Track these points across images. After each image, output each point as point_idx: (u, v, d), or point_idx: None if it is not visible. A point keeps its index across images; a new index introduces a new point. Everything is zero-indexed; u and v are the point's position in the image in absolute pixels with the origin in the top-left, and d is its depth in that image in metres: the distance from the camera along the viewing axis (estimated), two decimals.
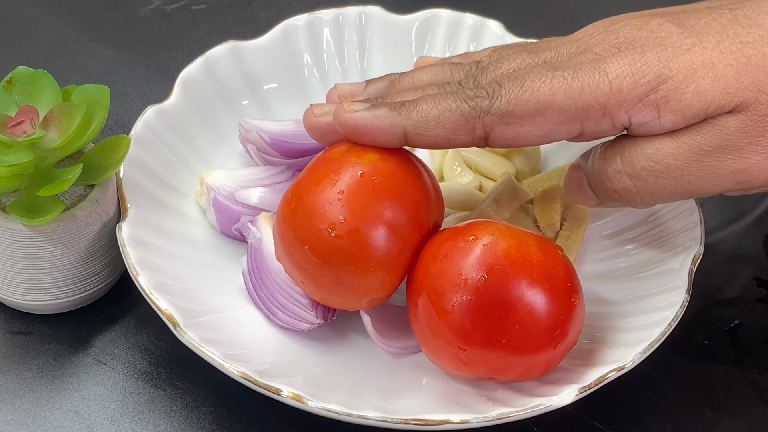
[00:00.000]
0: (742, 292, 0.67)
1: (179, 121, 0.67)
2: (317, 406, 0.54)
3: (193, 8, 0.84)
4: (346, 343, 0.61)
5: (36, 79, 0.59)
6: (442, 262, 0.55)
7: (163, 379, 0.60)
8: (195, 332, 0.56)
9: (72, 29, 0.82)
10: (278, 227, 0.58)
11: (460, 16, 0.74)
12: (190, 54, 0.75)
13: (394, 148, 0.58)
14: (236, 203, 0.64)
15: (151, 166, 0.65)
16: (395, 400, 0.57)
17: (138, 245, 0.60)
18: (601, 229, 0.67)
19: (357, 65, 0.73)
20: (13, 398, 0.59)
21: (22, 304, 0.62)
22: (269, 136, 0.66)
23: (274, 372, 0.57)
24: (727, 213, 0.72)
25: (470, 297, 0.54)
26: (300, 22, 0.73)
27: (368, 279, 0.56)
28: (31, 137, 0.57)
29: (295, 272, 0.57)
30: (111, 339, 0.62)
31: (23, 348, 0.61)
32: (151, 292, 0.57)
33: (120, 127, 0.74)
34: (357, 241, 0.55)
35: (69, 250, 0.60)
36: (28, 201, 0.58)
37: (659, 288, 0.61)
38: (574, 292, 0.55)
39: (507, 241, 0.55)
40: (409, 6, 0.75)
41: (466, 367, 0.55)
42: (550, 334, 0.55)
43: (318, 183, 0.56)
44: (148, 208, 0.63)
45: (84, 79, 0.76)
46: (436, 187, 0.59)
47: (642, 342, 0.57)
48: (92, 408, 0.59)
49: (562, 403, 0.54)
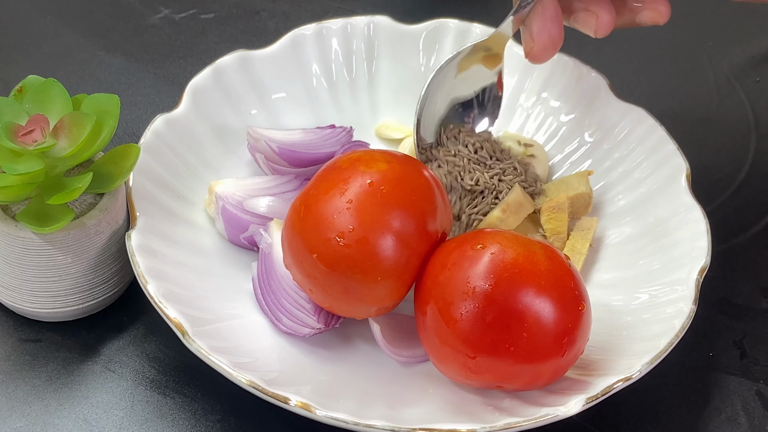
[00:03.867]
0: (749, 302, 0.67)
1: (188, 130, 0.68)
2: (325, 415, 0.54)
3: (202, 17, 0.85)
4: (353, 352, 0.61)
5: (46, 88, 0.60)
6: (451, 271, 0.55)
7: (171, 387, 0.61)
8: (203, 341, 0.57)
9: (81, 38, 0.82)
10: (287, 236, 0.58)
11: (467, 26, 0.74)
12: (198, 63, 0.75)
13: (403, 158, 0.58)
14: (245, 212, 0.64)
15: (160, 174, 0.65)
16: (403, 409, 0.57)
17: (147, 254, 0.60)
18: (608, 239, 0.67)
19: (365, 75, 0.74)
20: (22, 405, 0.59)
21: (31, 312, 0.62)
22: (278, 146, 0.67)
23: (282, 380, 0.57)
24: (734, 224, 0.72)
25: (478, 305, 0.54)
26: (308, 32, 0.73)
27: (376, 288, 0.56)
28: (41, 146, 0.57)
29: (303, 280, 0.58)
30: (120, 347, 0.62)
31: (32, 355, 0.62)
32: (160, 300, 0.58)
33: (129, 136, 0.74)
34: (365, 250, 0.55)
35: (78, 259, 0.60)
36: (39, 209, 0.59)
37: (666, 298, 0.61)
38: (581, 300, 0.56)
39: (515, 249, 0.55)
40: (417, 16, 0.76)
41: (474, 376, 0.56)
42: (557, 342, 0.55)
43: (327, 192, 0.57)
44: (157, 216, 0.63)
45: (93, 87, 0.76)
46: (443, 196, 0.59)
47: (649, 352, 0.57)
48: (101, 416, 0.59)
49: (569, 413, 0.55)
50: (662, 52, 0.85)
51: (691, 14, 0.89)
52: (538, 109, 0.72)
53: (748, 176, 0.75)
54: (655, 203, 0.66)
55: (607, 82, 0.71)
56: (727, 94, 0.82)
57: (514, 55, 0.73)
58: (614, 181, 0.69)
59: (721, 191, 0.74)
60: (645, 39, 0.86)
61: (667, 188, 0.66)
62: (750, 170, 0.76)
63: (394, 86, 0.74)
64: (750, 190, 0.74)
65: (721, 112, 0.81)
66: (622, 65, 0.82)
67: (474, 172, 0.66)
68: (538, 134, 0.72)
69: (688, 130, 0.76)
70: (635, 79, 0.81)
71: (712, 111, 0.81)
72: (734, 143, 0.78)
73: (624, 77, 0.76)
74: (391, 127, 0.73)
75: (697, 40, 0.86)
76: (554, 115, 0.72)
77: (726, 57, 0.85)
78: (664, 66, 0.84)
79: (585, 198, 0.67)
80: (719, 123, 0.80)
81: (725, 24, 0.88)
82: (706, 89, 0.82)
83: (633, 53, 0.85)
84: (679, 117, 0.78)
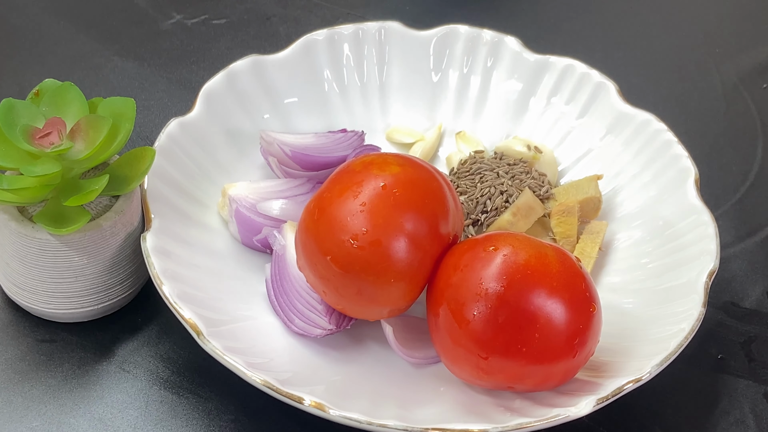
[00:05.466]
0: (757, 306, 0.68)
1: (202, 134, 0.68)
2: (339, 415, 0.54)
3: (214, 23, 0.85)
4: (365, 353, 0.61)
5: (63, 92, 0.60)
6: (463, 272, 0.56)
7: (185, 387, 0.61)
8: (218, 341, 0.57)
9: (95, 43, 0.83)
10: (301, 238, 0.59)
11: (478, 32, 0.75)
12: (210, 68, 0.76)
13: (415, 162, 0.59)
14: (258, 215, 0.65)
15: (174, 177, 0.65)
16: (415, 410, 0.57)
17: (162, 255, 0.60)
18: (617, 242, 0.67)
19: (376, 80, 0.74)
20: (38, 405, 0.60)
21: (47, 313, 0.63)
22: (290, 149, 0.67)
23: (296, 381, 0.57)
24: (742, 228, 0.72)
25: (491, 306, 0.55)
26: (320, 37, 0.74)
27: (389, 289, 0.57)
28: (58, 148, 0.58)
29: (317, 282, 0.58)
30: (134, 347, 0.63)
31: (48, 356, 0.62)
32: (175, 301, 0.58)
33: (142, 140, 0.75)
34: (378, 252, 0.56)
35: (94, 260, 0.61)
36: (55, 211, 0.59)
37: (675, 301, 0.61)
38: (592, 302, 0.56)
39: (526, 251, 0.56)
40: (428, 22, 0.76)
41: (486, 376, 0.56)
42: (569, 343, 0.55)
43: (340, 195, 0.57)
44: (172, 218, 0.63)
45: (107, 92, 0.77)
46: (455, 198, 0.59)
47: (658, 354, 0.58)
48: (115, 415, 0.60)
49: (579, 414, 0.55)
50: (670, 59, 0.86)
51: (698, 21, 0.90)
52: (548, 114, 0.73)
53: (756, 180, 0.76)
54: (663, 207, 0.67)
55: (615, 87, 0.72)
56: (735, 100, 0.82)
57: (523, 60, 0.74)
58: (623, 185, 0.69)
59: (730, 195, 0.74)
60: (653, 45, 0.87)
61: (676, 192, 0.66)
62: (757, 175, 0.76)
63: (404, 91, 0.75)
64: (758, 194, 0.75)
65: (729, 117, 0.81)
66: (631, 71, 0.83)
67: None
68: (548, 138, 0.72)
69: (696, 136, 0.77)
70: (643, 85, 0.82)
71: (720, 117, 0.81)
72: (742, 148, 0.78)
73: (632, 83, 0.77)
74: (402, 132, 0.74)
75: (705, 47, 0.87)
76: (563, 120, 0.73)
77: (733, 63, 0.85)
78: (671, 72, 0.85)
79: (594, 202, 0.67)
80: (727, 129, 0.80)
81: (732, 31, 0.89)
82: (714, 95, 0.83)
83: (641, 59, 0.86)
84: (687, 122, 0.79)
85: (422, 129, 0.74)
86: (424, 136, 0.73)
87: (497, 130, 0.74)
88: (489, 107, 0.74)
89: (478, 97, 0.74)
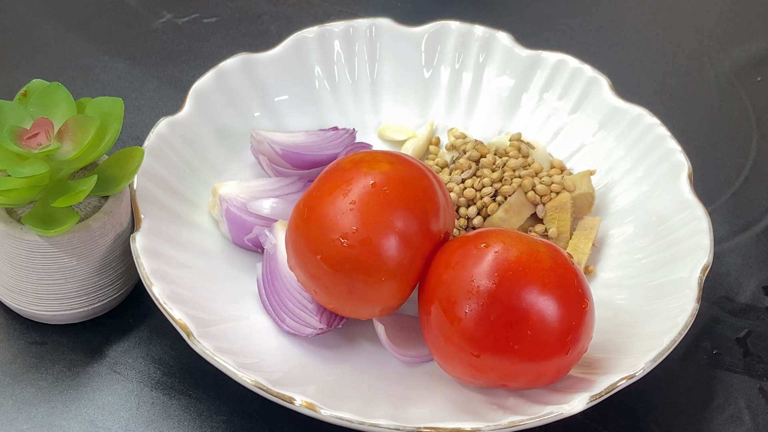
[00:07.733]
0: (751, 300, 0.68)
1: (192, 133, 0.68)
2: (330, 415, 0.54)
3: (204, 21, 0.85)
4: (357, 352, 0.61)
5: (51, 92, 0.60)
6: (454, 270, 0.56)
7: (177, 388, 0.61)
8: (208, 341, 0.57)
9: (85, 43, 0.82)
10: (291, 237, 0.58)
11: (469, 28, 0.74)
12: (201, 66, 0.76)
13: (406, 159, 0.58)
14: (248, 214, 0.64)
15: (164, 177, 0.65)
16: (407, 409, 0.57)
17: (151, 256, 0.60)
18: (610, 238, 0.67)
19: (367, 77, 0.74)
20: (28, 407, 0.60)
21: (37, 315, 0.62)
22: (281, 148, 0.67)
23: (287, 381, 0.57)
24: (736, 222, 0.72)
25: (482, 303, 0.54)
26: (311, 35, 0.73)
27: (380, 288, 0.57)
28: (46, 149, 0.57)
29: (307, 281, 0.58)
30: (125, 349, 0.62)
31: (38, 358, 0.62)
32: (164, 302, 0.58)
33: (132, 140, 0.74)
34: (369, 251, 0.56)
35: (83, 261, 0.60)
36: (43, 212, 0.59)
37: (669, 296, 0.61)
38: (585, 298, 0.56)
39: (518, 248, 0.56)
40: (419, 18, 0.76)
41: (478, 374, 0.56)
42: (561, 339, 0.55)
43: (330, 193, 0.57)
44: (162, 219, 0.63)
45: (97, 91, 0.76)
46: (446, 196, 0.59)
47: (652, 350, 0.57)
48: (106, 417, 0.59)
49: (573, 411, 0.55)
50: (663, 52, 0.86)
51: (692, 14, 0.90)
52: (540, 109, 0.73)
53: (750, 175, 0.76)
54: (657, 202, 0.66)
55: (608, 82, 0.71)
56: (729, 94, 0.82)
57: (515, 56, 0.73)
58: (616, 181, 0.69)
59: (724, 190, 0.74)
60: (646, 39, 0.87)
61: (669, 187, 0.66)
62: (751, 169, 0.76)
63: (396, 88, 0.74)
64: (752, 188, 0.75)
65: (723, 111, 0.81)
66: (624, 65, 0.83)
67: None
68: (541, 134, 0.72)
69: (690, 130, 0.77)
70: (637, 79, 0.82)
71: (714, 111, 0.81)
72: (736, 142, 0.78)
73: (625, 77, 0.77)
74: (394, 129, 0.73)
75: (699, 40, 0.87)
76: (556, 116, 0.72)
77: (727, 57, 0.85)
78: (665, 66, 0.84)
79: (587, 198, 0.67)
80: (721, 122, 0.80)
81: (726, 24, 0.89)
82: (708, 89, 0.82)
83: (634, 53, 0.85)
84: (681, 117, 0.78)
85: (414, 126, 0.74)
86: (416, 133, 0.73)
87: (490, 126, 0.73)
88: (481, 103, 0.74)
89: (470, 94, 0.74)
